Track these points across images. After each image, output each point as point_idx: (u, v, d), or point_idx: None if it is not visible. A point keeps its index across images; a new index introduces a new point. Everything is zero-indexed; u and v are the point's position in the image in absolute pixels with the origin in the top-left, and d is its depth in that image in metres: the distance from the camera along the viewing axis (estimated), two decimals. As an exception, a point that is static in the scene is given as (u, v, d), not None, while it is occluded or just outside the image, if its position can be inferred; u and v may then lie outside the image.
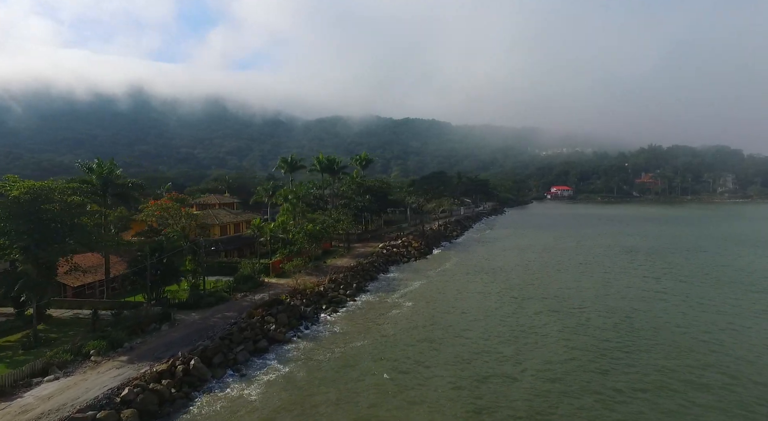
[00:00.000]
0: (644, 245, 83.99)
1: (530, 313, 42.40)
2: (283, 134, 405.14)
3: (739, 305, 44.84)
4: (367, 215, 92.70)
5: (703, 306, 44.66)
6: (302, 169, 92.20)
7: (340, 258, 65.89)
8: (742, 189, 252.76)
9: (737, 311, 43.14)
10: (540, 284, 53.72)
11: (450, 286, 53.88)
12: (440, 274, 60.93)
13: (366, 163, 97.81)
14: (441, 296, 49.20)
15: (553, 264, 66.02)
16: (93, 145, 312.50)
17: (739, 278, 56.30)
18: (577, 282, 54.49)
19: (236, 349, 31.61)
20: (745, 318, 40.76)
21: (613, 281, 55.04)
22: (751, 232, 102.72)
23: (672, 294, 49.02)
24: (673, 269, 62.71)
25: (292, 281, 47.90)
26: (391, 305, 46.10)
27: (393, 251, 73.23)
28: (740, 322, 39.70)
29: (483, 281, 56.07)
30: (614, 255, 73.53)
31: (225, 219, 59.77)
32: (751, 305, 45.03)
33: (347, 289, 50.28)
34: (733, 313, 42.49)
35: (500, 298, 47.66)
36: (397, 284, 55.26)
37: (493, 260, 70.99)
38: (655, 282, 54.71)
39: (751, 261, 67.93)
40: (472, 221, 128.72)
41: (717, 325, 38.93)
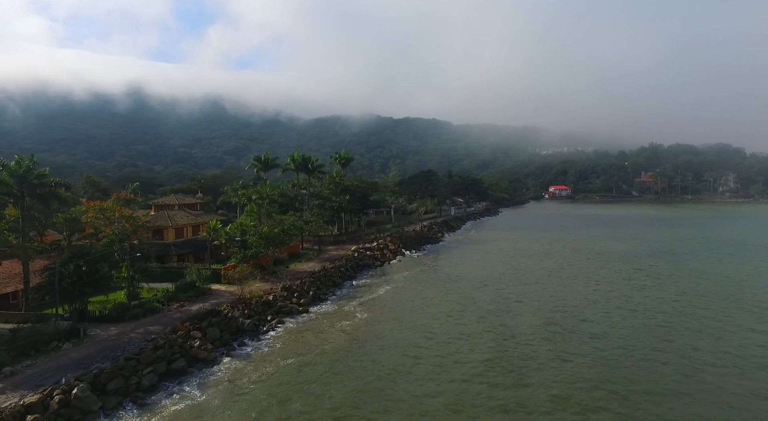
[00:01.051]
0: (638, 250, 76.93)
1: (495, 339, 37.31)
2: (281, 134, 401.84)
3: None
4: (346, 216, 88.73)
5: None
6: (277, 167, 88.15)
7: (307, 262, 62.00)
8: (743, 188, 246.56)
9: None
10: (510, 300, 48.82)
11: (412, 295, 49.73)
12: (408, 280, 56.85)
13: (346, 161, 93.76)
14: (399, 307, 45.11)
15: (533, 272, 61.43)
16: (90, 145, 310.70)
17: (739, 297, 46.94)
18: (553, 300, 49.49)
19: (143, 371, 27.71)
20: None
21: (593, 306, 43.50)
22: (752, 235, 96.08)
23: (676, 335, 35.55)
24: (668, 285, 53.17)
25: (238, 289, 44.00)
26: (344, 316, 42.08)
27: (366, 254, 69.23)
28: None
29: (447, 291, 51.74)
30: (603, 263, 67.71)
31: (181, 221, 55.96)
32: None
33: (302, 297, 46.32)
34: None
35: (462, 313, 43.19)
36: (361, 291, 51.29)
37: (467, 265, 66.75)
38: (657, 303, 44.66)
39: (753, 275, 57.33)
40: (460, 222, 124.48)
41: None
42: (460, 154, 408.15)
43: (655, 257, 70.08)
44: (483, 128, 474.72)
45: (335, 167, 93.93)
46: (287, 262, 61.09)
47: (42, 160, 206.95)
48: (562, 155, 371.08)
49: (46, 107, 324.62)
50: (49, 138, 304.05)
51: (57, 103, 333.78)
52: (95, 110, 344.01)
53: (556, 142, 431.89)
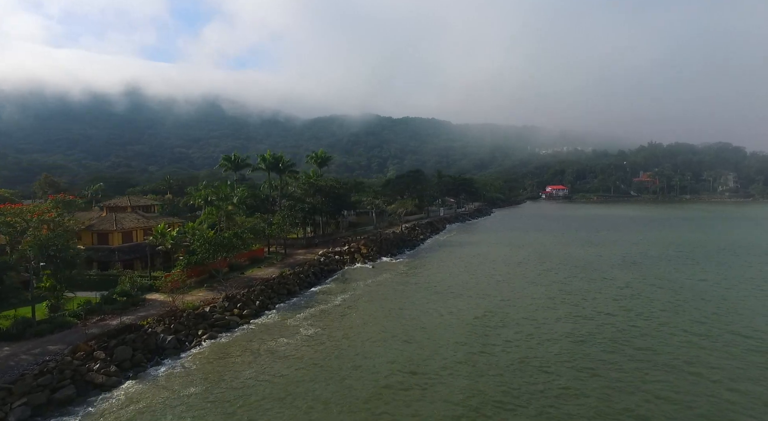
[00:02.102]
0: (613, 257, 69.39)
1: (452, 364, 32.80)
2: (280, 134, 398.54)
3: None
4: (323, 218, 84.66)
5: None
6: (248, 167, 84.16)
7: (267, 268, 57.98)
8: (743, 188, 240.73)
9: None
10: (480, 318, 44.44)
11: (369, 308, 45.55)
12: (370, 290, 52.65)
13: (323, 161, 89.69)
14: (351, 322, 40.96)
15: (511, 283, 56.99)
16: (87, 145, 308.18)
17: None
18: (523, 322, 40.05)
19: (13, 404, 23.75)
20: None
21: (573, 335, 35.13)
22: (744, 238, 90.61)
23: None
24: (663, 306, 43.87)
25: (171, 300, 40.00)
26: (285, 331, 38.01)
27: (334, 259, 65.17)
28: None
29: (405, 305, 47.50)
30: (561, 274, 57.99)
31: (129, 224, 52.09)
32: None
33: (246, 308, 42.30)
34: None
35: (413, 336, 38.84)
36: (315, 301, 47.23)
37: (436, 274, 62.47)
38: (646, 325, 38.16)
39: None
40: (447, 223, 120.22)
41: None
42: (459, 154, 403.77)
43: (626, 266, 61.93)
44: (482, 128, 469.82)
45: (312, 167, 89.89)
46: (246, 267, 57.16)
47: (34, 161, 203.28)
48: (561, 155, 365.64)
49: (42, 107, 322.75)
50: (45, 138, 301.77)
51: (53, 103, 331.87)
52: (92, 110, 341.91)
53: (556, 141, 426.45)
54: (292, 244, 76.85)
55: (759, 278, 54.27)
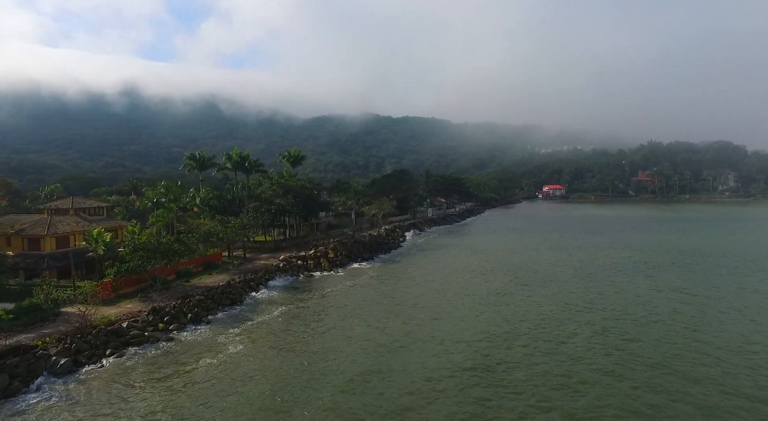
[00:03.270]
0: (586, 266, 61.46)
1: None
2: (278, 133, 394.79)
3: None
4: (296, 220, 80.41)
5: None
6: (214, 167, 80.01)
7: (220, 274, 53.74)
8: (744, 187, 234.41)
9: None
10: (437, 337, 39.74)
11: (311, 323, 41.24)
12: (322, 301, 48.33)
13: (296, 160, 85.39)
14: (285, 340, 36.63)
15: (472, 298, 51.98)
16: (83, 145, 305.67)
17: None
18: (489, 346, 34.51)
19: None
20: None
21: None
22: (748, 244, 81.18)
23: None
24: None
25: (84, 313, 35.71)
26: (210, 349, 33.76)
27: (296, 265, 60.86)
28: None
29: (358, 321, 43.19)
30: (547, 285, 52.14)
31: (65, 229, 47.96)
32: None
33: (174, 321, 38.07)
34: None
35: (354, 356, 34.15)
36: (257, 312, 42.94)
37: (400, 283, 57.93)
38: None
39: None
40: (434, 224, 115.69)
41: None
42: (458, 154, 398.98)
43: (586, 277, 55.33)
44: (482, 127, 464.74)
45: (285, 166, 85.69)
46: (196, 275, 52.96)
47: (25, 161, 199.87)
48: (560, 154, 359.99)
49: (39, 107, 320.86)
50: (42, 138, 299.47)
51: (50, 103, 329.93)
52: (89, 110, 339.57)
53: (555, 140, 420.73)
54: (259, 247, 72.75)
55: (726, 295, 46.78)
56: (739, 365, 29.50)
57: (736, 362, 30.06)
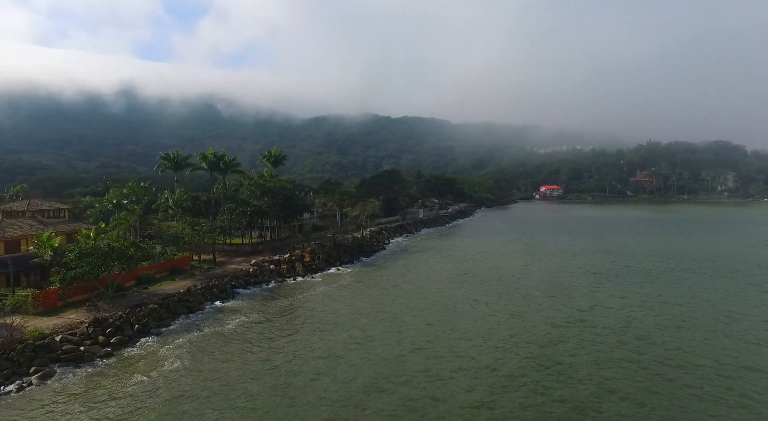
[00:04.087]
0: (562, 273, 57.79)
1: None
2: (276, 133, 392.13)
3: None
4: (273, 222, 77.52)
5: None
6: (189, 167, 77.07)
7: (184, 280, 50.84)
8: (743, 188, 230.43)
9: None
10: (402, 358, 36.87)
11: (268, 337, 38.27)
12: (289, 309, 45.45)
13: (277, 160, 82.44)
14: (235, 357, 33.72)
15: (444, 311, 49.08)
16: (80, 145, 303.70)
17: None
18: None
19: None
20: None
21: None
22: (727, 250, 74.40)
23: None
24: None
25: (9, 326, 32.79)
26: (150, 366, 30.84)
27: (267, 270, 57.91)
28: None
29: (318, 337, 40.18)
30: (509, 298, 51.50)
31: (14, 232, 45.10)
32: None
33: (118, 334, 35.13)
34: None
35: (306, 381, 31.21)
36: (213, 323, 39.98)
37: (379, 290, 55.09)
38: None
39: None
40: (422, 226, 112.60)
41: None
42: (456, 154, 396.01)
43: (552, 289, 49.85)
44: (481, 127, 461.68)
45: (266, 166, 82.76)
46: (159, 280, 50.08)
47: (18, 161, 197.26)
48: (559, 154, 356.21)
49: (36, 108, 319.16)
50: (39, 139, 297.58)
51: (47, 103, 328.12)
52: (86, 111, 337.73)
53: (555, 140, 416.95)
54: (235, 250, 69.95)
55: (692, 311, 41.03)
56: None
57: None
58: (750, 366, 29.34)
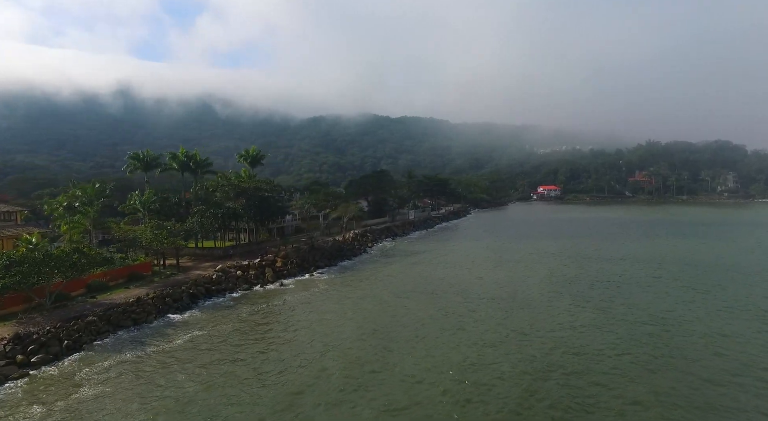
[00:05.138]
0: (524, 288, 54.52)
1: None
2: (274, 133, 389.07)
3: None
4: (249, 224, 73.98)
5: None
6: (159, 167, 73.49)
7: (139, 288, 47.29)
8: (743, 188, 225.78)
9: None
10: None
11: (218, 356, 34.70)
12: (246, 321, 41.91)
13: (254, 159, 78.88)
14: (174, 375, 30.15)
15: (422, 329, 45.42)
16: (75, 145, 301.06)
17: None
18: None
19: None
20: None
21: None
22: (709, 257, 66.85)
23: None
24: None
25: None
26: (66, 390, 27.35)
27: (234, 276, 54.38)
28: None
29: (268, 364, 36.53)
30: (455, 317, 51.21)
31: (-48, 238, 41.78)
32: None
33: (41, 351, 31.63)
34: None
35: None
36: (158, 339, 36.43)
37: (346, 304, 51.56)
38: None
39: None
40: (411, 228, 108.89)
41: None
42: (455, 153, 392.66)
43: (516, 303, 45.93)
44: (480, 127, 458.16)
45: (243, 167, 79.23)
46: (112, 289, 46.56)
47: (10, 161, 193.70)
48: (558, 154, 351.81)
49: (32, 108, 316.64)
50: (34, 139, 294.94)
51: (43, 103, 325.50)
52: (83, 111, 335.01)
53: (554, 140, 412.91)
54: (206, 255, 66.51)
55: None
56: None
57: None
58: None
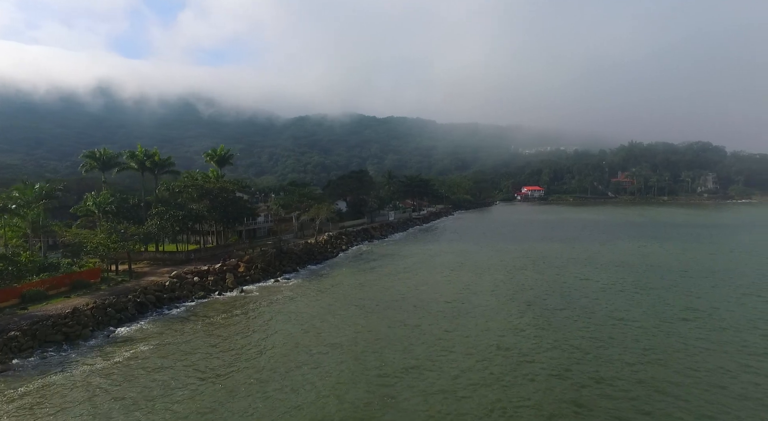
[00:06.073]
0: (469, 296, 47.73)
1: None
2: (259, 133, 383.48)
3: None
4: (215, 227, 70.33)
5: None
6: (117, 166, 69.46)
7: (82, 297, 43.48)
8: (723, 189, 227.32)
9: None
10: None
11: (147, 383, 31.30)
12: (197, 335, 38.47)
13: (222, 159, 75.28)
14: (93, 405, 26.65)
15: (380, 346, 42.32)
16: (53, 145, 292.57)
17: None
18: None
19: None
20: None
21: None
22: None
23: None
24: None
25: None
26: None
27: (190, 282, 50.81)
28: None
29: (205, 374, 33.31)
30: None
31: None
32: None
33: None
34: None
35: None
36: (86, 357, 32.87)
37: (303, 316, 48.42)
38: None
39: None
40: (390, 229, 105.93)
41: None
42: (441, 154, 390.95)
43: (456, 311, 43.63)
44: (467, 127, 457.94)
45: (210, 166, 75.57)
46: (55, 297, 42.74)
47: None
48: (543, 155, 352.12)
49: (8, 106, 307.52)
50: (12, 137, 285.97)
51: (18, 101, 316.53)
52: (61, 109, 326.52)
53: (540, 141, 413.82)
54: (167, 259, 62.68)
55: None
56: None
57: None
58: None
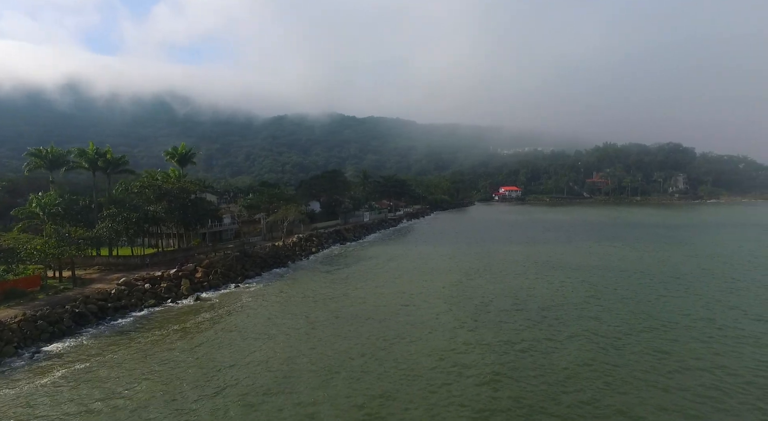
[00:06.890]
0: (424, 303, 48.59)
1: None
2: (236, 132, 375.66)
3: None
4: (177, 229, 66.40)
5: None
6: (66, 165, 64.91)
7: (13, 308, 39.46)
8: (693, 189, 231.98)
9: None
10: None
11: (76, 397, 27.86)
12: (137, 352, 35.01)
13: (183, 158, 71.36)
14: None
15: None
16: (18, 143, 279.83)
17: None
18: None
19: None
20: None
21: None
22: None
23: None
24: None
25: None
26: None
27: (141, 290, 47.11)
28: None
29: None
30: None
31: None
32: None
33: None
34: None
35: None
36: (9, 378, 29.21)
37: (264, 325, 45.35)
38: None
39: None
40: (363, 231, 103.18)
41: None
42: (420, 154, 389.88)
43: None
44: (447, 128, 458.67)
45: (171, 166, 71.54)
46: (-21, 309, 38.59)
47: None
48: (521, 155, 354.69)
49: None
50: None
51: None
52: (27, 106, 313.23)
53: (518, 141, 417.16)
54: (121, 264, 58.62)
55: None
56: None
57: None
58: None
